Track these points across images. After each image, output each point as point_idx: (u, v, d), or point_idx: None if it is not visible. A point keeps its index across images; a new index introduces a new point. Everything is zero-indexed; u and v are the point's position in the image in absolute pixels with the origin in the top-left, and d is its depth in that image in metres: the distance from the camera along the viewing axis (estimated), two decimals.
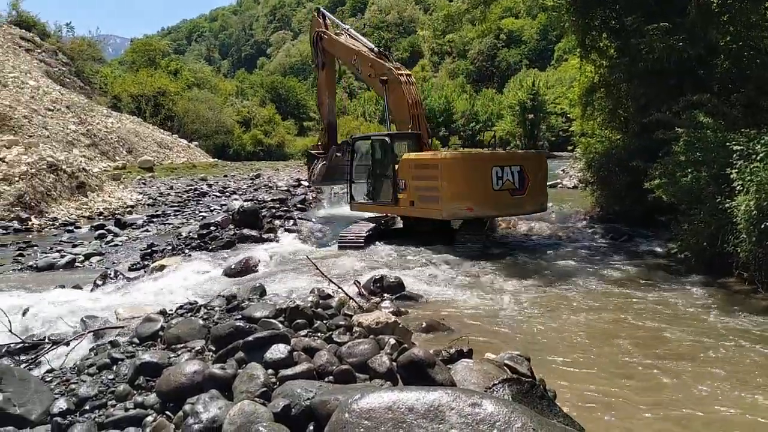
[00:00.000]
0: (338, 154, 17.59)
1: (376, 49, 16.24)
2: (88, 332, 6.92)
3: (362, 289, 8.64)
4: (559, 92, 61.26)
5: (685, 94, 11.24)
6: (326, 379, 4.43)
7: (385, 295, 8.70)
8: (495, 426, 2.90)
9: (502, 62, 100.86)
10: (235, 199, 24.70)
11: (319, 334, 5.69)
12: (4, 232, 19.07)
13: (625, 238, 13.82)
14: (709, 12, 11.19)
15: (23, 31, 49.13)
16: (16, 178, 22.00)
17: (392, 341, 5.08)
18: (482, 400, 3.06)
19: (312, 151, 19.13)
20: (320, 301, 7.14)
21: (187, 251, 13.79)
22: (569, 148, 25.04)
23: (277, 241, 14.64)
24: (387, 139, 14.37)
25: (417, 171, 13.12)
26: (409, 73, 15.77)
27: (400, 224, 14.87)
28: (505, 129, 67.12)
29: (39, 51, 47.65)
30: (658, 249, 12.53)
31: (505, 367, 4.76)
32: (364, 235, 13.15)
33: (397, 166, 13.75)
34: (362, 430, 3.05)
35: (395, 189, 13.66)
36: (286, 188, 28.58)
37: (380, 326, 5.95)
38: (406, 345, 5.04)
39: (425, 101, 73.13)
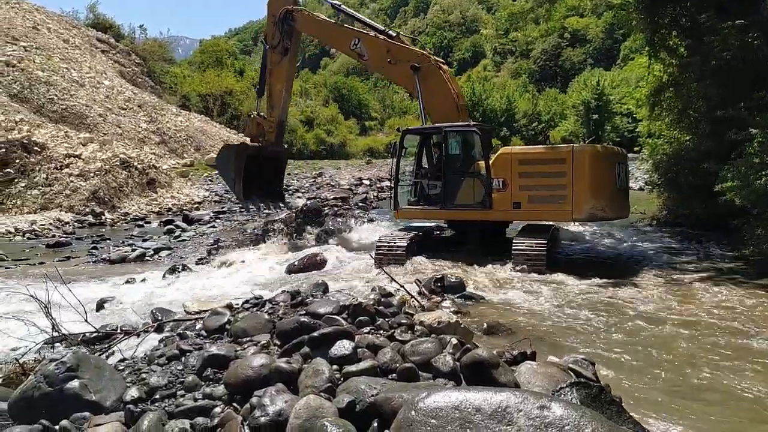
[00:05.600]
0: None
1: (391, 32, 13.91)
2: (158, 324, 7.16)
3: (423, 288, 8.63)
4: (624, 92, 59.58)
5: (760, 94, 10.81)
6: (390, 377, 4.44)
7: (446, 294, 8.68)
8: (564, 430, 2.85)
9: (566, 61, 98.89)
10: (299, 197, 25.09)
11: (381, 332, 5.71)
12: (80, 225, 19.96)
13: (693, 242, 13.39)
14: None
15: (99, 33, 51.16)
16: (92, 174, 22.98)
17: (454, 341, 5.06)
18: (551, 403, 3.01)
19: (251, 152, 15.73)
20: (382, 299, 7.17)
21: (251, 247, 14.09)
22: (635, 149, 24.35)
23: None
24: (476, 130, 12.29)
25: (526, 167, 11.47)
26: (442, 60, 13.67)
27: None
28: (569, 129, 65.89)
29: (114, 52, 49.52)
30: (729, 253, 12.08)
31: (570, 371, 4.69)
32: (404, 244, 11.81)
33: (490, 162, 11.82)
34: (429, 428, 3.05)
35: (488, 190, 11.72)
36: (348, 187, 28.83)
37: (442, 326, 5.94)
38: (468, 345, 5.02)
39: (486, 101, 72.61)
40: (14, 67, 35.23)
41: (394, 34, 13.83)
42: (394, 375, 4.47)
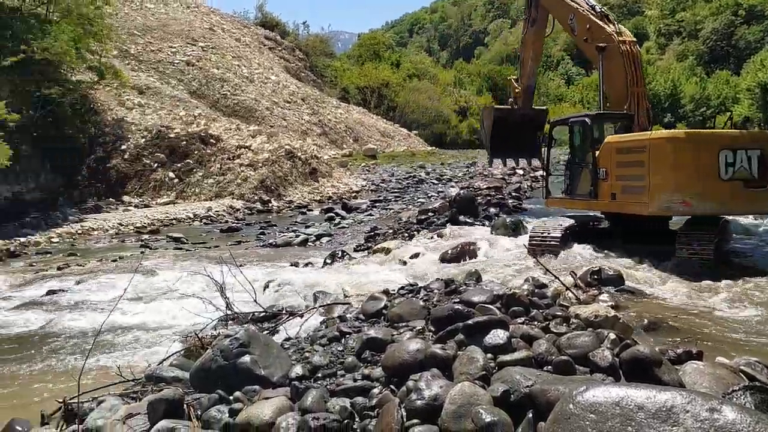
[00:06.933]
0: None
1: (598, 8, 13.58)
2: (320, 306, 7.53)
3: (579, 281, 8.35)
4: None
5: None
6: (545, 369, 4.40)
7: (603, 287, 8.33)
8: None
9: (740, 41, 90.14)
10: (452, 187, 25.20)
11: (535, 323, 5.64)
12: (249, 212, 21.47)
13: None
14: None
15: (267, 31, 54.59)
16: (260, 164, 24.61)
17: (612, 336, 4.89)
18: (721, 406, 2.83)
19: (501, 115, 17.14)
20: (535, 290, 7.05)
21: (406, 235, 14.36)
22: None
23: (492, 228, 14.62)
24: (587, 120, 12.04)
25: (620, 156, 10.95)
26: (634, 40, 13.12)
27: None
28: (743, 114, 60.32)
29: (280, 49, 52.58)
30: None
31: (742, 374, 4.36)
32: (559, 235, 11.30)
33: (597, 152, 11.52)
34: (588, 423, 3.00)
35: (594, 180, 11.49)
36: (501, 176, 28.47)
37: (599, 319, 5.74)
38: (628, 341, 4.84)
39: (649, 86, 68.25)
40: (194, 66, 38.50)
41: (599, 10, 13.56)
42: (549, 367, 4.42)
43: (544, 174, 13.48)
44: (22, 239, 17.54)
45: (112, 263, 13.95)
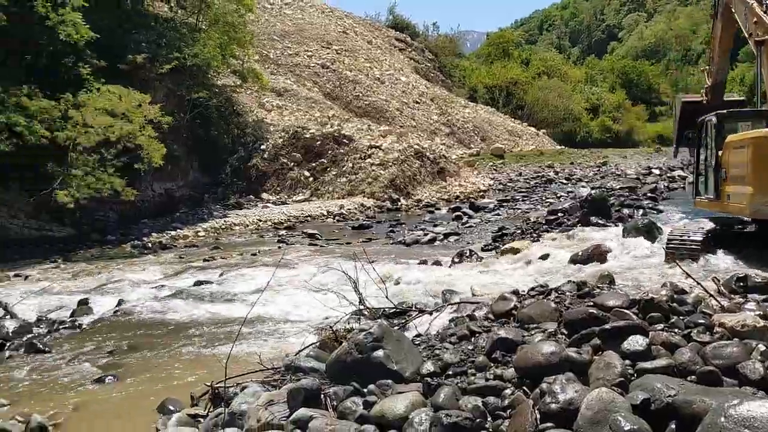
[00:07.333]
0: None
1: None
2: (449, 304, 7.60)
3: (722, 287, 7.86)
4: None
5: None
6: (688, 378, 4.21)
7: (750, 295, 7.79)
8: None
9: None
10: (582, 187, 24.49)
11: (676, 330, 5.39)
12: (379, 210, 21.99)
13: None
14: None
15: (397, 33, 55.51)
16: (390, 164, 25.09)
17: (762, 347, 4.60)
18: None
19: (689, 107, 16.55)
20: (674, 296, 6.71)
21: (535, 235, 14.14)
22: None
23: (624, 230, 14.06)
24: (713, 118, 11.52)
25: (733, 156, 10.27)
26: None
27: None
28: None
29: (410, 50, 53.36)
30: None
31: None
32: (700, 238, 10.45)
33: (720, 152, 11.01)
34: None
35: (717, 180, 10.97)
36: (635, 176, 27.32)
37: (746, 330, 5.39)
38: None
39: None
40: (328, 69, 39.91)
41: (765, 2, 12.81)
42: (692, 377, 4.22)
43: (694, 173, 12.91)
44: (173, 233, 19.05)
45: (251, 257, 14.80)
